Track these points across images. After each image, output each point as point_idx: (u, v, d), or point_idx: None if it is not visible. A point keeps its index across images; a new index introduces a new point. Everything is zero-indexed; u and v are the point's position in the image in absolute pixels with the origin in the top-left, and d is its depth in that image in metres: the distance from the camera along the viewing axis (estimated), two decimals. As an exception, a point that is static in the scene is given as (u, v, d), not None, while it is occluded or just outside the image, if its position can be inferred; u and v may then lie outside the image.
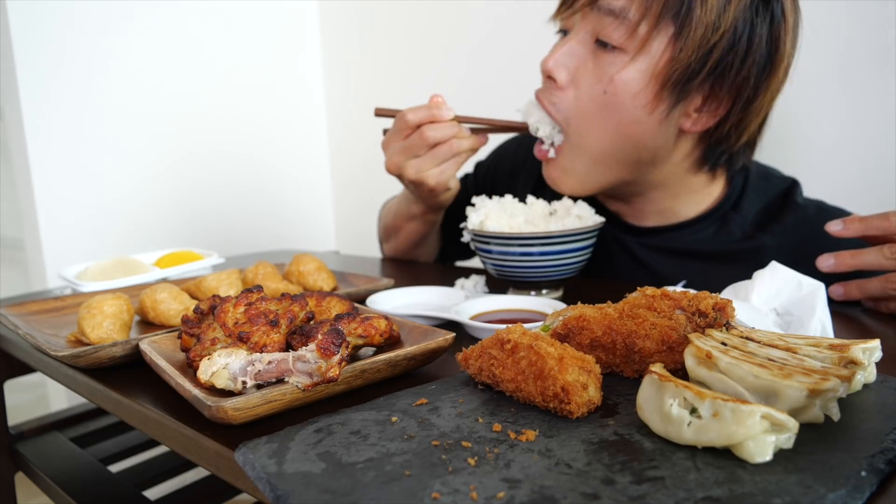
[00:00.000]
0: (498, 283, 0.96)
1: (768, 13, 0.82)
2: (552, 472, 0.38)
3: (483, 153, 1.31)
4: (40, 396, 1.99)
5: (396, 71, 2.05)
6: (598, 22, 0.84)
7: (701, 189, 0.97)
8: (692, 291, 0.56)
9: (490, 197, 0.92)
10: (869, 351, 0.48)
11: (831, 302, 0.70)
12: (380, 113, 0.99)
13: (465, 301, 0.77)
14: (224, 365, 0.50)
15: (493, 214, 0.87)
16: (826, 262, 0.77)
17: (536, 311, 0.75)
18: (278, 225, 2.22)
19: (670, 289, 0.57)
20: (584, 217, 0.86)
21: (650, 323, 0.52)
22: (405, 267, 1.19)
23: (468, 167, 1.32)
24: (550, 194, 1.08)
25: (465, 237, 0.90)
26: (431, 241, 1.21)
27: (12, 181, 1.73)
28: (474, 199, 0.91)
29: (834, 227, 0.77)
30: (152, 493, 0.94)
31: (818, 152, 1.23)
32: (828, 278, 0.73)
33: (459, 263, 1.33)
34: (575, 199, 0.92)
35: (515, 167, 1.22)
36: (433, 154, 0.93)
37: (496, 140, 1.29)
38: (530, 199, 0.91)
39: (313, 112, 2.30)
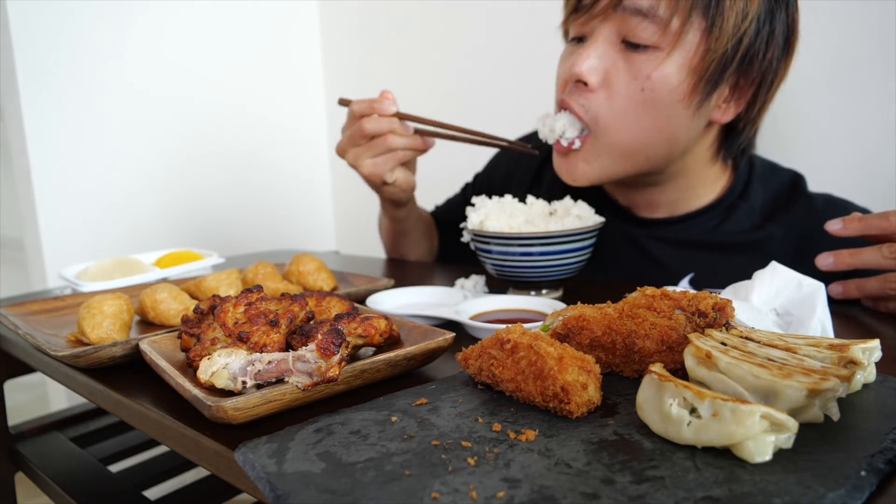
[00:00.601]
0: (498, 283, 0.96)
1: None
2: (552, 472, 0.38)
3: (479, 163, 1.31)
4: (40, 396, 1.99)
5: (396, 71, 2.05)
6: (623, 23, 0.84)
7: (714, 180, 0.98)
8: (692, 291, 0.56)
9: (490, 197, 0.92)
10: (868, 351, 0.48)
11: (830, 301, 0.70)
12: (342, 103, 1.05)
13: (465, 301, 0.77)
14: (224, 365, 0.50)
15: (492, 214, 0.87)
16: (825, 260, 0.77)
17: (536, 311, 0.75)
18: (278, 225, 2.22)
19: (670, 288, 0.57)
20: (584, 217, 0.86)
21: (650, 323, 0.52)
22: (405, 267, 1.19)
23: (468, 176, 1.32)
24: (547, 192, 1.08)
25: (465, 237, 0.90)
26: (414, 240, 1.21)
27: (12, 181, 1.73)
28: (474, 199, 0.91)
29: (833, 227, 0.77)
30: (152, 493, 0.94)
31: (819, 150, 1.23)
32: (827, 277, 0.73)
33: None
34: (575, 198, 0.92)
35: (510, 170, 1.23)
36: (370, 146, 0.97)
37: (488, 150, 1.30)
38: (530, 199, 0.91)
39: (313, 112, 2.30)
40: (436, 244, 1.27)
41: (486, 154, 1.30)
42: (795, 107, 1.23)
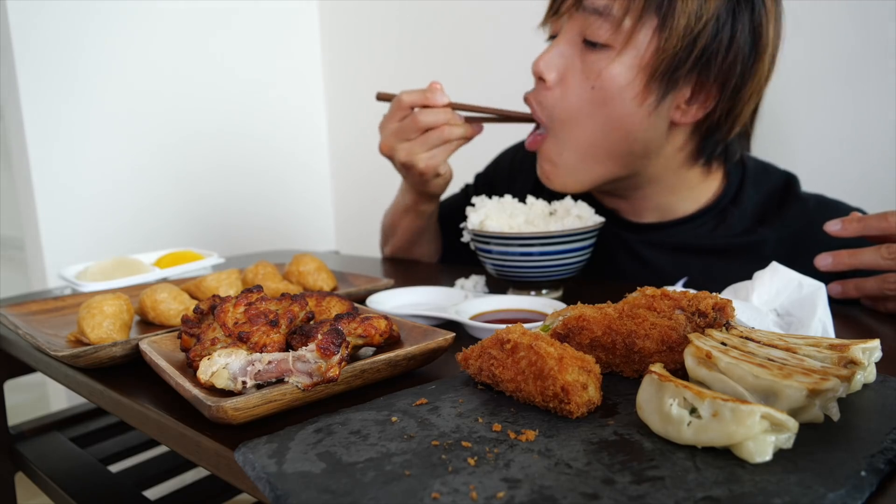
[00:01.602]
0: (498, 283, 0.96)
1: (749, 2, 0.83)
2: (552, 472, 0.38)
3: (481, 163, 1.31)
4: (40, 396, 1.99)
5: (396, 71, 2.05)
6: (583, 22, 0.86)
7: (699, 184, 0.98)
8: (692, 291, 0.56)
9: (490, 197, 0.92)
10: (869, 351, 0.48)
11: (830, 301, 0.70)
12: (381, 97, 1.01)
13: (465, 301, 0.77)
14: (224, 365, 0.50)
15: (492, 214, 0.87)
16: (824, 261, 0.77)
17: (536, 311, 0.75)
18: (278, 225, 2.22)
19: (670, 289, 0.57)
20: (584, 217, 0.86)
21: (650, 323, 0.52)
22: (405, 267, 1.19)
23: (468, 177, 1.32)
24: (548, 195, 1.08)
25: (465, 237, 0.90)
26: (429, 239, 1.20)
27: (12, 181, 1.73)
28: (474, 199, 0.91)
29: (832, 227, 0.77)
30: (152, 493, 0.95)
31: (818, 151, 1.23)
32: (826, 276, 0.73)
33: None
34: (576, 198, 0.92)
35: (513, 171, 1.22)
36: (424, 139, 0.94)
37: (495, 145, 1.30)
38: (530, 199, 0.91)
39: (313, 112, 2.30)
40: (441, 244, 1.27)
41: (496, 149, 1.30)
42: (790, 106, 1.23)
